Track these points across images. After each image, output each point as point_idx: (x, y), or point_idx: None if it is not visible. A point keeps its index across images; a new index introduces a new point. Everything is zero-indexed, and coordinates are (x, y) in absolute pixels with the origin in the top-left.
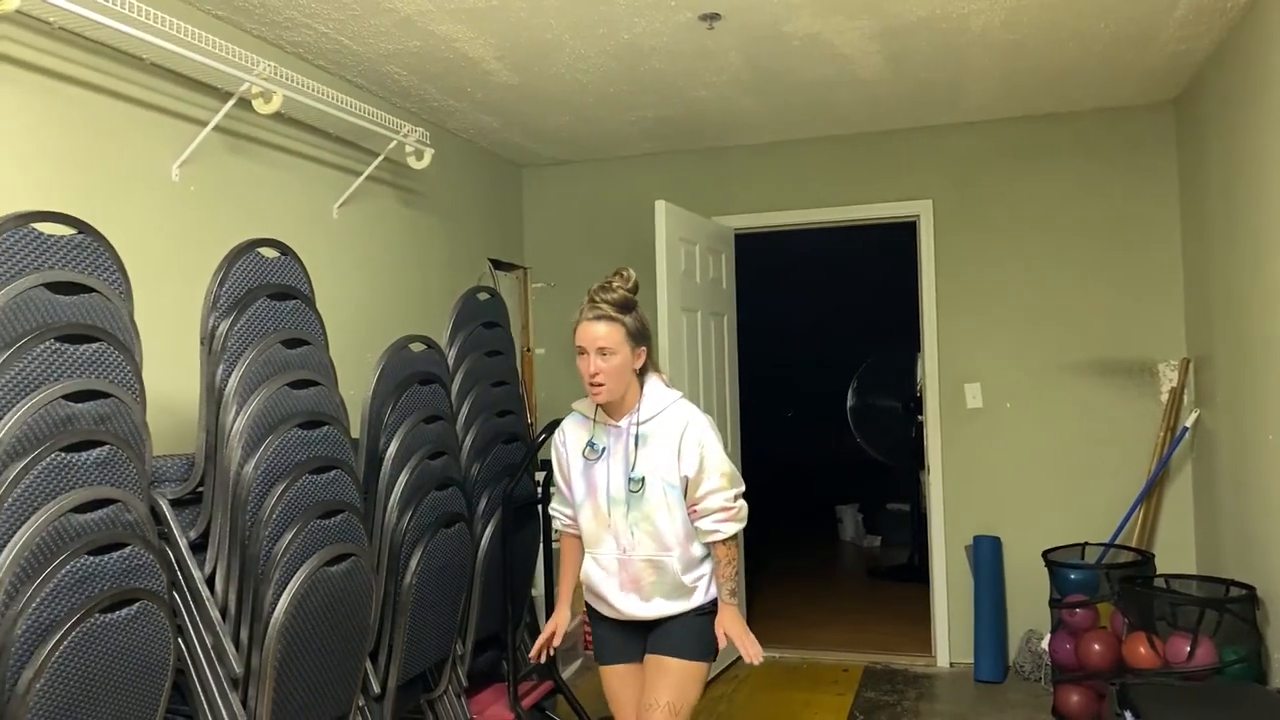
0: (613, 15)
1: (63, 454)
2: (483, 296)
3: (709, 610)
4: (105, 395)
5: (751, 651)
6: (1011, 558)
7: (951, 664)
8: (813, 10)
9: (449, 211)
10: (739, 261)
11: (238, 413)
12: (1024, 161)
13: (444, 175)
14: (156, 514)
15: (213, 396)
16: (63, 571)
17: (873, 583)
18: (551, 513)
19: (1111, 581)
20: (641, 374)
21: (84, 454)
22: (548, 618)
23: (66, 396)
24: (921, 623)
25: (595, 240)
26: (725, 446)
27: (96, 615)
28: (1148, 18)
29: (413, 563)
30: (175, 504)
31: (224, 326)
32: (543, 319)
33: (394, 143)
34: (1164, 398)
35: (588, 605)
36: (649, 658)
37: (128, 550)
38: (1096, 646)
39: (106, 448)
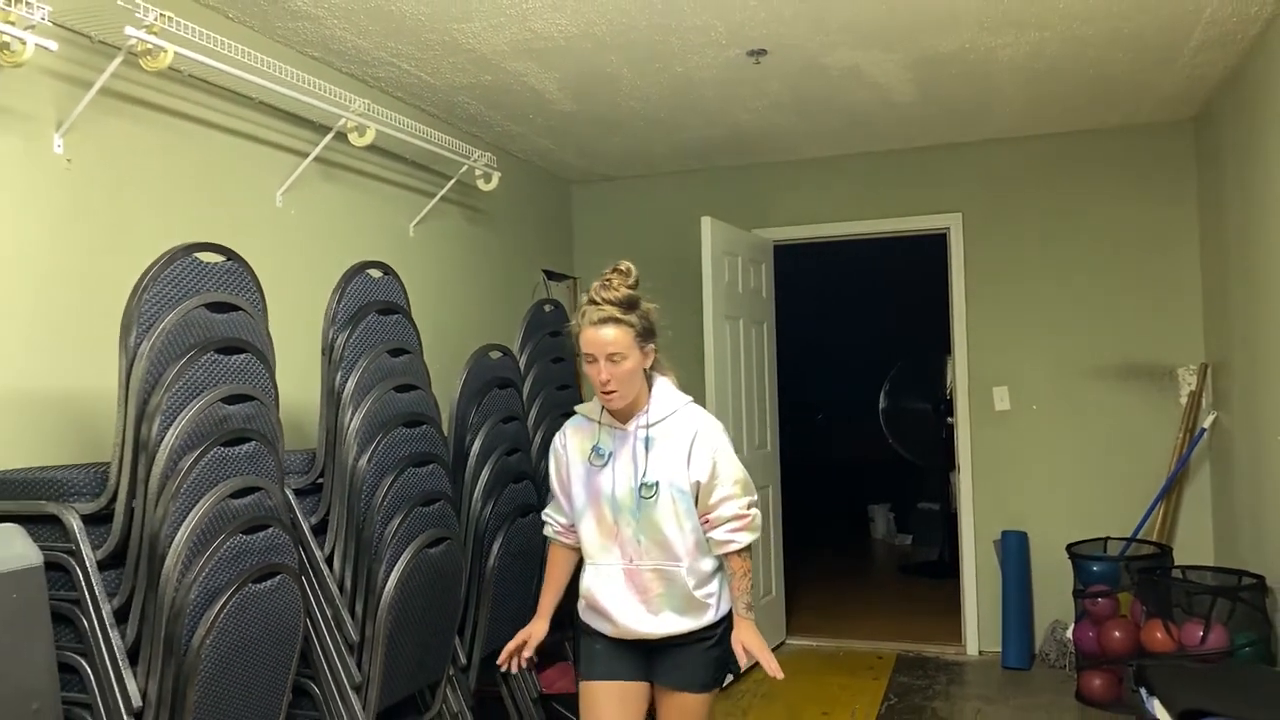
0: (668, 52)
1: (222, 448)
2: (548, 308)
3: (719, 636)
4: (251, 399)
5: (773, 667)
6: (1037, 552)
7: (980, 652)
8: (851, 45)
9: (507, 226)
10: (777, 271)
11: (353, 414)
12: (1050, 176)
13: (503, 193)
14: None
15: (332, 399)
16: (225, 547)
17: (904, 578)
18: (544, 518)
19: (1131, 573)
20: (649, 372)
21: (237, 448)
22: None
23: (223, 399)
24: (951, 615)
25: (641, 251)
26: (740, 452)
27: (249, 585)
28: (1164, 47)
29: (495, 547)
30: (297, 493)
31: (341, 339)
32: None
33: (465, 167)
34: (1183, 401)
35: (582, 621)
36: (661, 691)
37: (270, 531)
38: (1117, 633)
39: (253, 443)
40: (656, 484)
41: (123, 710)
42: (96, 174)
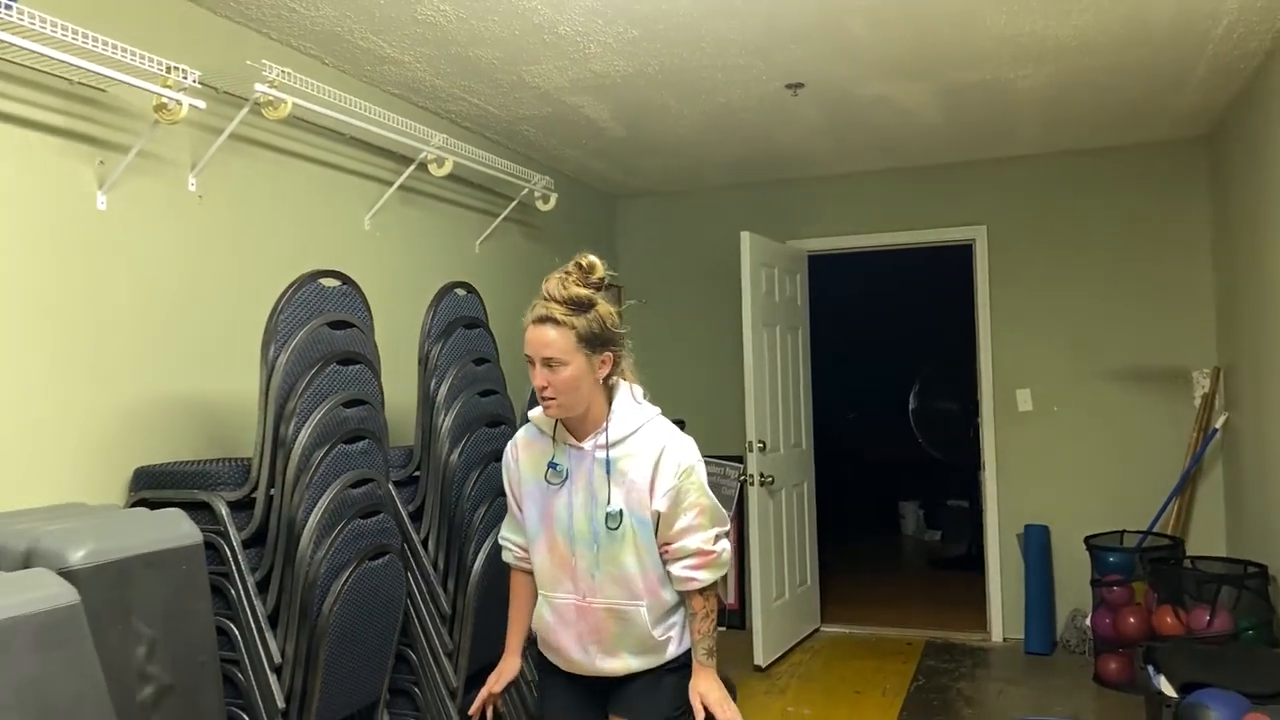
0: (713, 86)
1: (343, 445)
2: None
3: (682, 664)
4: (364, 403)
5: None
6: (1058, 544)
7: (1004, 639)
8: (882, 78)
9: (558, 240)
10: (812, 279)
11: (445, 415)
12: (1070, 190)
13: (555, 208)
14: None
15: (427, 403)
16: (347, 529)
17: (933, 571)
18: (501, 541)
19: (1145, 563)
20: (609, 383)
21: (354, 445)
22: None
23: (342, 404)
24: (977, 605)
25: (681, 260)
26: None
27: (366, 562)
28: (1172, 76)
29: None
30: (396, 484)
31: (435, 350)
32: (636, 331)
33: (526, 189)
34: (1197, 402)
35: (539, 655)
36: None
37: (380, 516)
38: (1132, 619)
39: (366, 441)
40: (621, 513)
41: (266, 666)
42: (222, 208)
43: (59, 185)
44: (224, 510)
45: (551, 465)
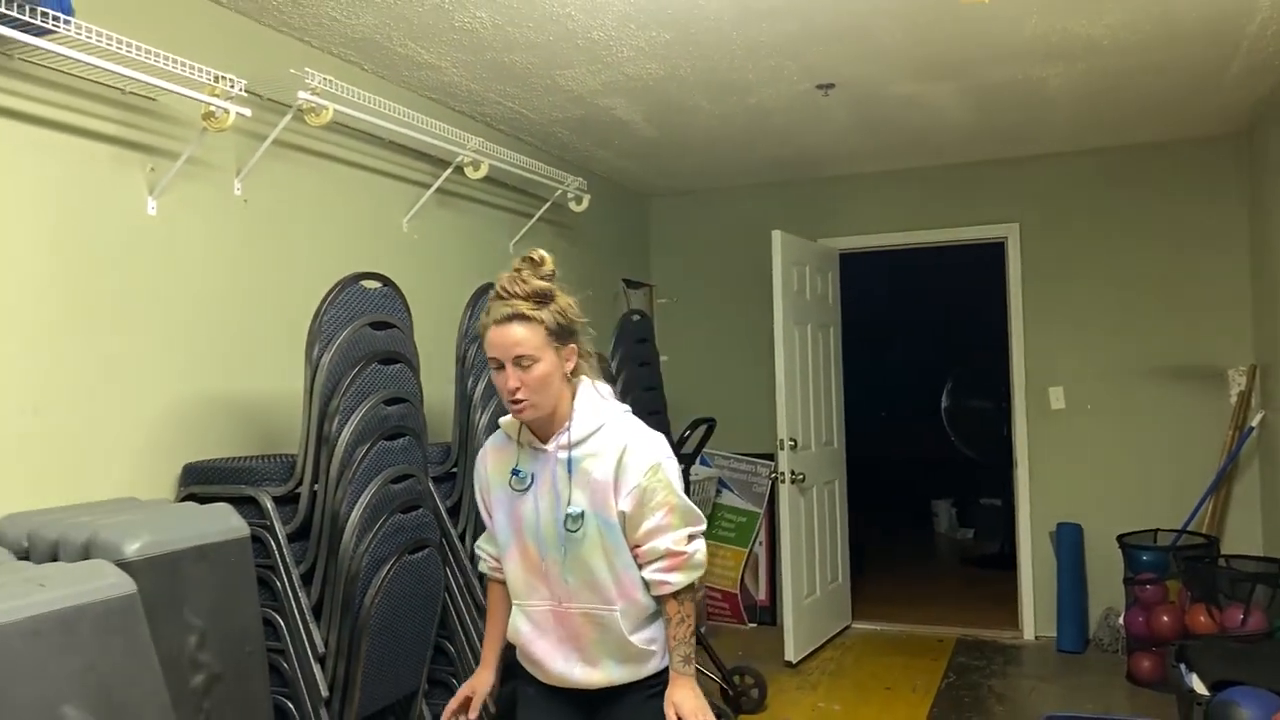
0: (744, 87)
1: (384, 442)
2: (635, 318)
3: (666, 682)
4: (405, 401)
5: None
6: (1091, 542)
7: (1036, 637)
8: (911, 78)
9: (591, 240)
10: (844, 277)
11: (481, 413)
12: (1103, 187)
13: (588, 209)
14: None
15: (464, 401)
16: (388, 524)
17: (965, 569)
18: (477, 551)
19: (1178, 561)
20: (572, 380)
21: (394, 442)
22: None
23: (384, 401)
24: (1010, 603)
25: (713, 258)
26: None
27: (406, 555)
28: (1207, 72)
29: None
30: (435, 480)
31: (471, 350)
32: (667, 329)
33: (559, 190)
34: (1233, 400)
35: (521, 667)
36: None
37: (420, 511)
38: (1165, 618)
39: (406, 438)
40: (583, 515)
41: (310, 656)
42: (266, 211)
43: (112, 191)
44: (270, 505)
45: (514, 472)
